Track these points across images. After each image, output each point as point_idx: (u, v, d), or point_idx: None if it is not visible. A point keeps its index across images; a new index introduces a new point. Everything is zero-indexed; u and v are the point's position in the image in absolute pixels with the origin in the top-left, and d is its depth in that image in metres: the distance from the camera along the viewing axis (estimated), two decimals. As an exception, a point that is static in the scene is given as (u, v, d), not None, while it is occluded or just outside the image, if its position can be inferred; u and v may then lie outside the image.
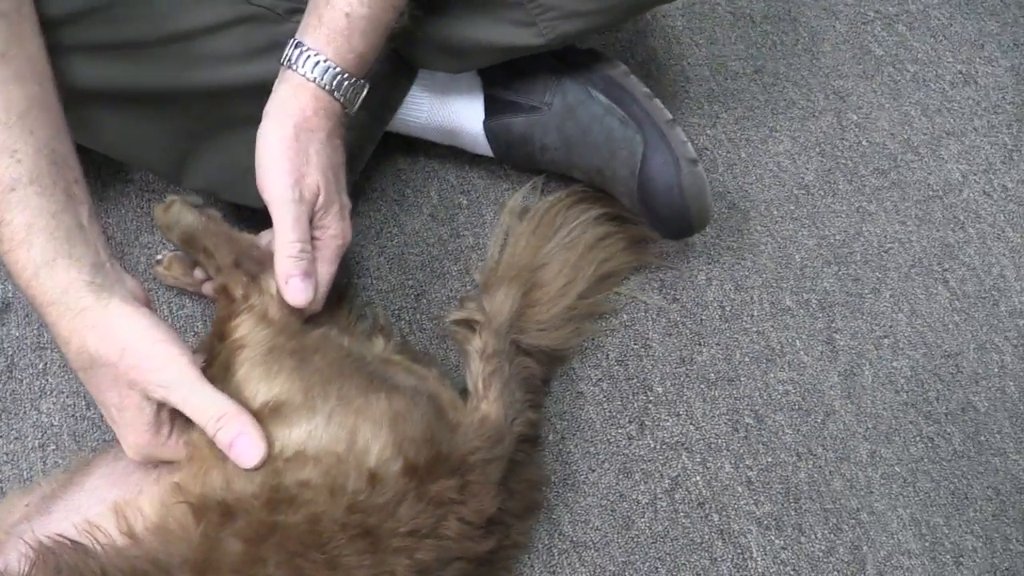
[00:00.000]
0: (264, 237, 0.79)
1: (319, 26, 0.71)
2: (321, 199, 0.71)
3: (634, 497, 0.86)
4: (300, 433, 0.66)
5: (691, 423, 0.89)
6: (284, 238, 0.69)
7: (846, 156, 1.05)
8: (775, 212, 1.01)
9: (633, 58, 1.08)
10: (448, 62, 0.87)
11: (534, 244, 0.90)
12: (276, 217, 0.70)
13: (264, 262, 0.75)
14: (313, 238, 0.73)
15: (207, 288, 0.83)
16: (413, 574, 0.64)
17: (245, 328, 0.71)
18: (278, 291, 0.72)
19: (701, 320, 0.94)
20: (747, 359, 0.93)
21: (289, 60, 0.71)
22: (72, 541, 0.61)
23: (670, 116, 0.87)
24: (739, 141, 1.05)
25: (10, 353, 0.89)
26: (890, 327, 0.95)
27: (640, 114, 0.86)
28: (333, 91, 0.72)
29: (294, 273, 0.70)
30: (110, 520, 0.63)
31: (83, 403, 0.87)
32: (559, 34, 0.81)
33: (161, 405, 0.66)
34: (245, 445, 0.64)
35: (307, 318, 0.76)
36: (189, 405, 0.65)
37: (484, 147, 0.95)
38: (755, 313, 0.95)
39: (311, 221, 0.72)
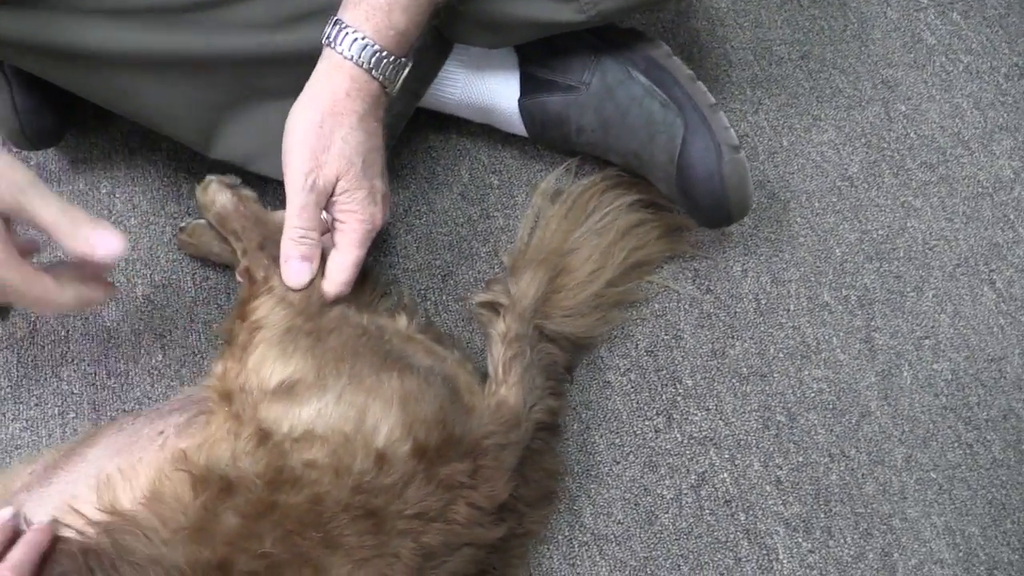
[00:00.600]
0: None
1: (359, 3, 0.70)
2: (342, 184, 0.71)
3: (659, 492, 0.84)
4: (310, 412, 0.65)
5: (721, 418, 0.87)
6: (289, 223, 0.71)
7: (893, 148, 1.01)
8: (816, 204, 0.97)
9: (675, 40, 1.05)
10: (485, 37, 0.84)
11: (565, 228, 0.87)
12: (287, 202, 0.71)
13: None
14: (339, 222, 0.73)
15: (237, 272, 0.83)
16: (418, 558, 0.63)
17: (264, 310, 0.71)
18: None
19: (735, 313, 0.91)
20: (781, 355, 0.90)
21: (328, 38, 0.70)
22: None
23: (713, 100, 0.83)
24: (782, 129, 1.01)
25: (32, 319, 0.89)
26: (932, 328, 0.92)
27: (682, 97, 0.83)
28: (371, 70, 0.70)
29: (292, 255, 0.71)
30: (91, 496, 0.63)
31: (104, 372, 0.86)
32: (600, 11, 0.78)
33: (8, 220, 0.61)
34: (104, 240, 0.61)
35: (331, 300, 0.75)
36: (44, 209, 0.60)
37: (518, 126, 0.92)
38: (791, 307, 0.92)
39: (332, 207, 0.73)
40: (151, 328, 0.88)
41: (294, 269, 0.71)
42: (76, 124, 0.94)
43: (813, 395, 0.88)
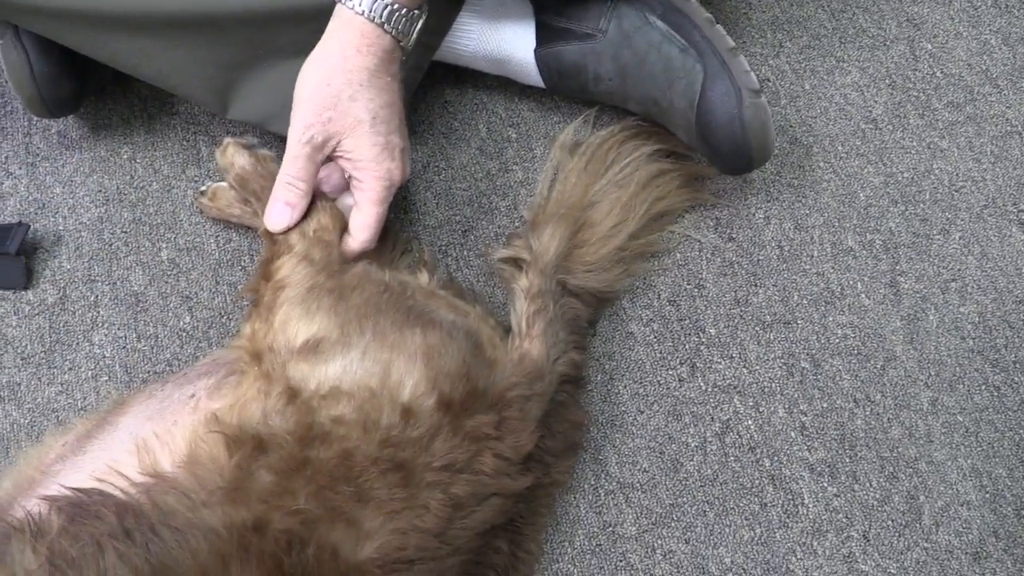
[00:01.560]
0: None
1: None
2: (352, 142, 0.72)
3: (683, 440, 0.84)
4: (335, 369, 0.66)
5: (744, 366, 0.87)
6: (281, 170, 0.74)
7: (918, 88, 0.99)
8: (840, 147, 0.96)
9: (693, -17, 1.02)
10: (499, -15, 0.83)
11: (585, 181, 0.87)
12: (286, 150, 0.73)
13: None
14: (356, 180, 0.74)
15: (261, 231, 0.83)
16: (447, 508, 0.64)
17: (287, 269, 0.72)
18: (317, 232, 0.74)
19: (758, 260, 0.91)
20: (805, 301, 0.89)
21: None
22: (87, 491, 0.62)
23: (732, 44, 0.82)
24: (803, 72, 0.99)
25: (62, 286, 0.90)
26: (959, 270, 0.91)
27: (701, 41, 0.82)
28: (383, 24, 0.70)
29: (278, 199, 0.74)
30: (132, 460, 0.64)
31: (134, 335, 0.88)
32: None
33: None
34: None
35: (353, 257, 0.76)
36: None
37: (535, 77, 0.91)
38: (815, 254, 0.91)
39: (347, 164, 0.74)
40: (177, 291, 0.90)
41: (277, 211, 0.74)
42: (94, 91, 0.95)
43: (838, 341, 0.88)
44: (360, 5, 0.70)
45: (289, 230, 0.74)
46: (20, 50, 0.86)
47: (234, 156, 0.82)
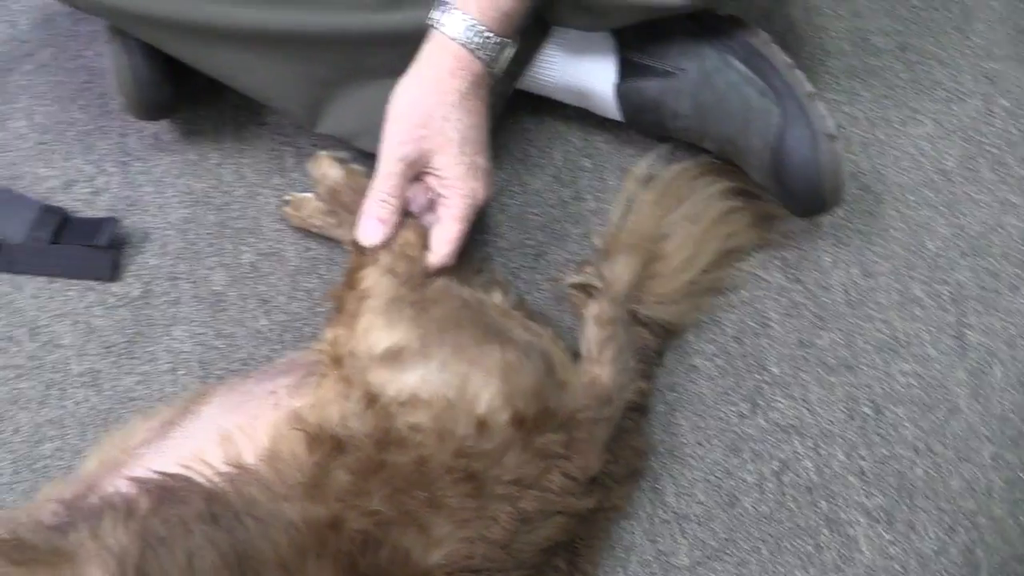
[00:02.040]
0: None
1: None
2: (442, 160, 0.74)
3: (741, 476, 0.85)
4: (414, 378, 0.68)
5: (806, 407, 0.87)
6: (373, 185, 0.76)
7: (992, 143, 0.99)
8: (910, 197, 0.97)
9: (770, 27, 1.03)
10: (586, 19, 0.85)
11: (658, 214, 0.88)
12: (377, 167, 0.76)
13: None
14: (442, 196, 0.76)
15: (348, 242, 0.86)
16: (515, 522, 0.66)
17: (371, 279, 0.75)
18: (401, 247, 0.76)
19: (824, 303, 0.92)
20: (869, 347, 0.90)
21: (434, 19, 0.73)
22: (174, 476, 0.64)
23: (811, 88, 0.84)
24: (877, 120, 1.00)
25: (147, 281, 0.94)
26: (1026, 326, 0.91)
27: (780, 85, 0.84)
28: (476, 50, 0.73)
29: (370, 214, 0.76)
30: (217, 450, 0.67)
31: (212, 333, 0.91)
32: None
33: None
34: None
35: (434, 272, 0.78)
36: None
37: (613, 110, 0.94)
38: (882, 300, 0.92)
39: (434, 182, 0.76)
40: (256, 294, 0.93)
41: (369, 227, 0.76)
42: (189, 97, 0.99)
43: (901, 389, 0.88)
44: (456, 30, 0.73)
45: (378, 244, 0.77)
46: (127, 55, 0.90)
47: (327, 168, 0.85)
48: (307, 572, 0.60)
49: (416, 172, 0.76)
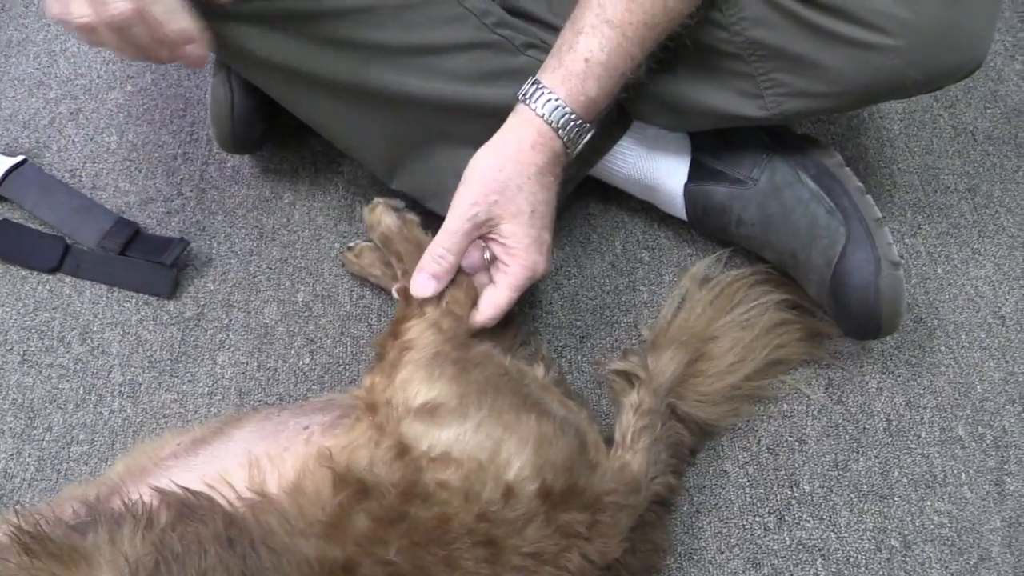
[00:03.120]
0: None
1: (558, 67, 0.75)
2: (510, 228, 0.76)
3: (759, 591, 0.83)
4: (449, 435, 0.68)
5: (833, 530, 0.86)
6: (435, 240, 0.78)
7: (1051, 296, 0.99)
8: (963, 336, 0.96)
9: (843, 152, 1.05)
10: (666, 119, 0.88)
11: (710, 315, 0.89)
12: (444, 225, 0.77)
13: None
14: (502, 262, 0.78)
15: (395, 289, 0.87)
16: None
17: (416, 332, 0.76)
18: (449, 304, 0.78)
19: (864, 428, 0.91)
20: (905, 479, 0.88)
21: (525, 95, 0.76)
22: (196, 494, 0.65)
23: (880, 215, 0.85)
24: (938, 257, 1.01)
25: (202, 304, 0.96)
26: (1069, 485, 0.89)
27: (849, 207, 0.85)
28: (558, 129, 0.75)
29: (426, 269, 0.77)
30: (243, 474, 0.67)
31: (255, 364, 0.93)
32: (783, 111, 0.81)
33: None
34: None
35: (476, 333, 0.79)
36: None
37: (679, 209, 0.95)
38: (923, 435, 0.91)
39: (499, 248, 0.77)
40: (304, 333, 0.95)
41: (422, 281, 0.78)
42: (275, 137, 1.03)
43: (932, 527, 0.86)
44: (542, 109, 0.75)
45: (427, 300, 0.78)
46: (228, 89, 0.95)
47: (382, 215, 0.87)
48: (315, 611, 0.60)
49: (480, 234, 0.78)
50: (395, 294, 0.87)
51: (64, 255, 0.98)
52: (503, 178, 0.75)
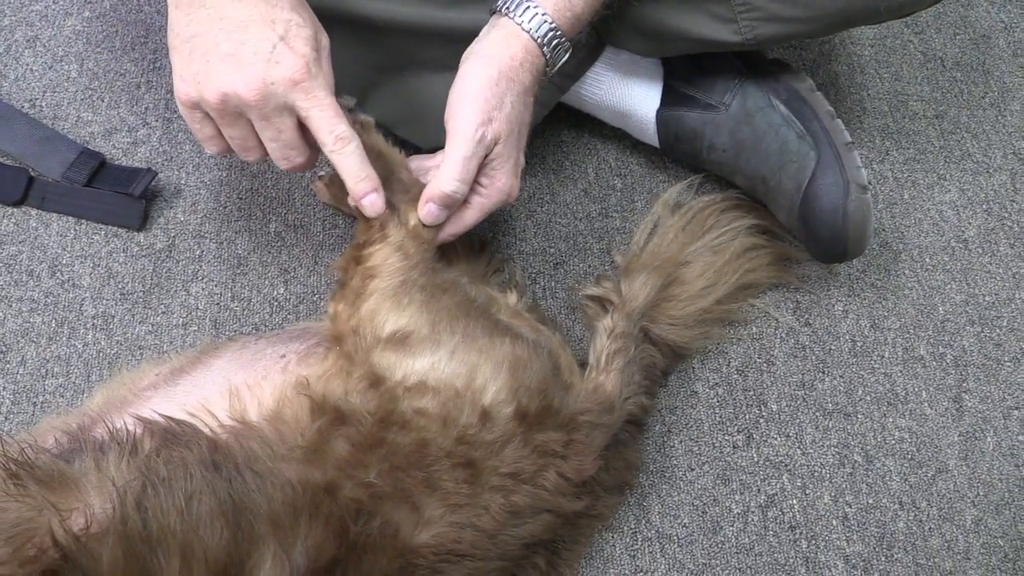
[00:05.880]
0: (417, 160, 0.80)
1: None
2: (499, 148, 0.73)
3: (727, 504, 0.86)
4: (423, 364, 0.69)
5: (799, 447, 0.89)
6: (448, 172, 0.72)
7: (1013, 219, 1.01)
8: (927, 260, 0.98)
9: (814, 78, 1.06)
10: (640, 44, 0.87)
11: (682, 240, 0.90)
12: (450, 150, 0.72)
13: (411, 188, 0.76)
14: (479, 183, 0.76)
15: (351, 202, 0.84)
16: (505, 514, 0.67)
17: (380, 257, 0.73)
18: (415, 226, 0.74)
19: (830, 349, 0.93)
20: (868, 398, 0.91)
21: (507, 8, 0.73)
22: (179, 422, 0.65)
23: (849, 139, 0.86)
24: (905, 182, 1.03)
25: (172, 235, 0.95)
26: (1023, 400, 0.92)
27: (819, 131, 0.86)
28: (543, 46, 0.73)
29: (438, 200, 0.73)
30: (223, 403, 0.68)
31: (229, 294, 0.93)
32: (757, 35, 0.81)
33: None
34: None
35: (440, 258, 0.78)
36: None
37: (651, 136, 0.95)
38: (886, 355, 0.93)
39: (483, 167, 0.74)
40: (278, 263, 0.94)
41: (434, 213, 0.74)
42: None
43: (893, 442, 0.90)
44: (529, 23, 0.72)
45: (388, 219, 0.73)
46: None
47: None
48: (298, 530, 0.61)
49: (485, 157, 0.73)
50: (352, 208, 0.79)
51: (28, 187, 0.96)
52: (500, 92, 0.71)
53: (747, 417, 0.90)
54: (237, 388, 0.69)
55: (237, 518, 0.60)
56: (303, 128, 0.71)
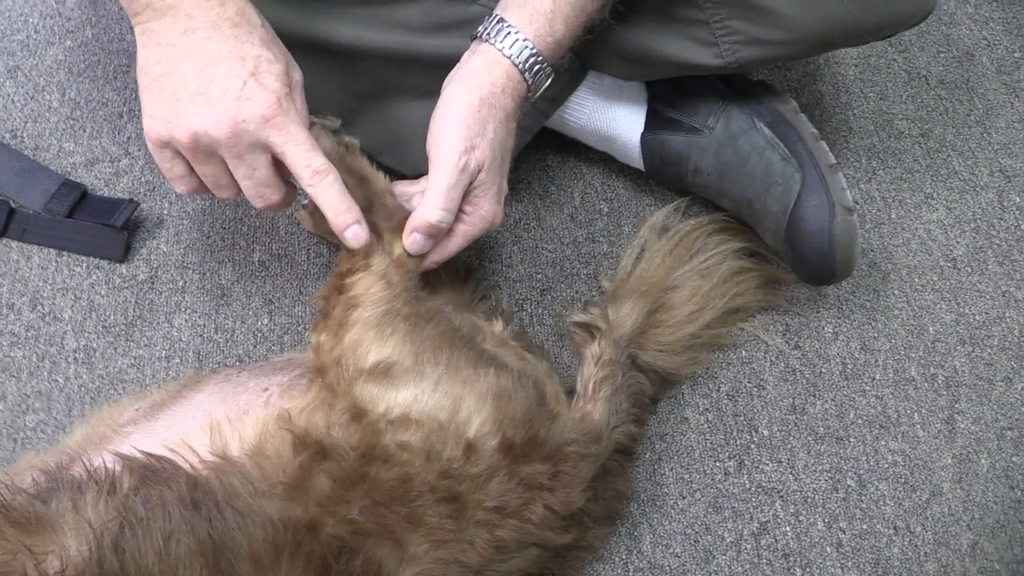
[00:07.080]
0: (401, 186, 0.78)
1: (524, 5, 0.72)
2: (483, 175, 0.72)
3: (720, 533, 0.85)
4: (406, 396, 0.67)
5: (791, 472, 0.88)
6: (433, 201, 0.71)
7: (1001, 237, 1.01)
8: (916, 280, 0.98)
9: (798, 99, 1.06)
10: (622, 68, 0.87)
11: (669, 264, 0.90)
12: (434, 178, 0.71)
13: (395, 215, 0.74)
14: (463, 211, 0.75)
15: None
16: (491, 549, 0.65)
17: (363, 286, 0.71)
18: (399, 255, 0.73)
19: (820, 372, 0.92)
20: (860, 421, 0.90)
21: (488, 34, 0.72)
22: (159, 458, 0.64)
23: (834, 161, 0.85)
24: (892, 201, 1.02)
25: (155, 266, 0.94)
26: (1017, 420, 0.92)
27: (803, 153, 0.85)
28: (525, 72, 0.72)
29: (422, 231, 0.72)
30: (204, 438, 0.66)
31: (212, 326, 0.91)
32: (738, 58, 0.81)
33: None
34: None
35: (425, 286, 0.76)
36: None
37: (636, 159, 0.95)
38: (877, 377, 0.93)
39: (466, 195, 0.73)
40: (262, 293, 0.93)
41: (419, 243, 0.72)
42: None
43: (887, 466, 0.89)
44: (510, 48, 0.71)
45: (372, 248, 0.72)
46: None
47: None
48: (280, 570, 0.60)
49: (469, 185, 0.72)
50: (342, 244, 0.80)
51: (9, 220, 0.95)
52: (482, 119, 0.71)
53: (738, 443, 0.89)
54: (218, 422, 0.68)
55: (217, 558, 0.59)
56: (278, 164, 0.70)
